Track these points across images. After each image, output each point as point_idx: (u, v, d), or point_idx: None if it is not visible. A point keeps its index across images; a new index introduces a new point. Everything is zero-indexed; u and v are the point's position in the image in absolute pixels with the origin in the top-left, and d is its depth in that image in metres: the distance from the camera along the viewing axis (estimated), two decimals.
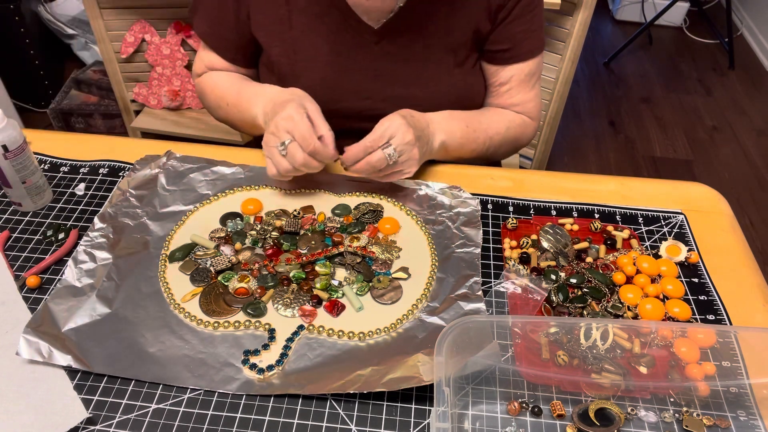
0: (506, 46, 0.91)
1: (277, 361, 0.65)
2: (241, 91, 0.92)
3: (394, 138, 0.79)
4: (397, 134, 0.79)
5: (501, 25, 0.90)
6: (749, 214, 2.07)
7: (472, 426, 0.60)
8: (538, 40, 0.93)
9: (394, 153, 0.79)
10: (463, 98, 0.94)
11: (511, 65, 0.93)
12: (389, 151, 0.79)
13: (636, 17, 3.08)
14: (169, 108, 1.98)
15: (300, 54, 0.89)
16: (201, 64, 1.00)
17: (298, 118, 0.77)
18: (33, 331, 0.66)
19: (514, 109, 0.98)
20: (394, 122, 0.80)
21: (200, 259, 0.76)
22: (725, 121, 2.49)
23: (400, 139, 0.79)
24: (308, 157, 0.77)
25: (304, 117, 0.77)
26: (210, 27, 0.93)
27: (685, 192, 0.89)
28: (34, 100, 2.33)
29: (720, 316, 0.71)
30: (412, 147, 0.80)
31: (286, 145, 0.77)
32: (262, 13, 0.89)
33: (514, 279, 0.74)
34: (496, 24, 0.90)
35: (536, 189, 0.89)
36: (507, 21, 0.89)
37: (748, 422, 0.61)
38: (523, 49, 0.92)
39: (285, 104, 0.79)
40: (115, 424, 0.60)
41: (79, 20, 2.36)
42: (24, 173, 0.79)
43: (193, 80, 1.03)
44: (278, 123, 0.78)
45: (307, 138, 0.76)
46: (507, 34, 0.90)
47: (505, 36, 0.90)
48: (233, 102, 0.93)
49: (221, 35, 0.93)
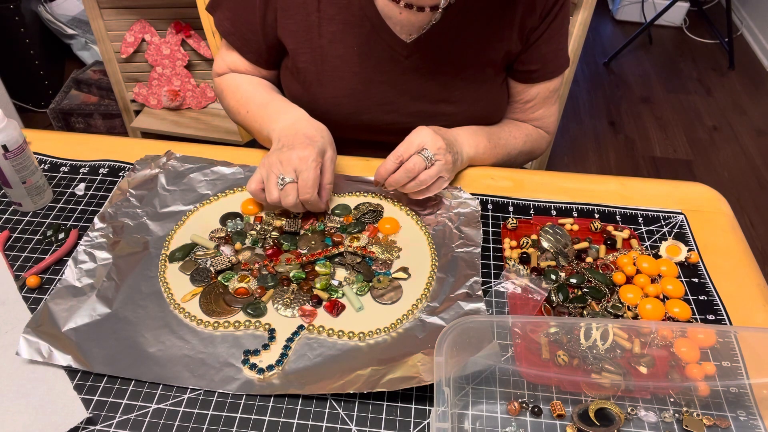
0: (536, 66, 0.91)
1: (277, 361, 0.65)
2: (266, 104, 0.89)
3: (426, 144, 0.78)
4: (428, 142, 0.78)
5: (532, 47, 0.89)
6: (749, 214, 2.07)
7: (472, 426, 0.60)
8: (564, 58, 0.93)
9: (431, 155, 0.78)
10: (487, 115, 0.95)
11: (538, 84, 0.94)
12: (426, 154, 0.78)
13: (636, 17, 3.08)
14: (169, 108, 1.98)
15: (328, 63, 0.88)
16: (223, 64, 0.97)
17: (310, 165, 0.75)
18: (33, 331, 0.66)
19: (534, 123, 0.98)
20: (422, 132, 0.79)
21: (200, 259, 0.76)
22: (725, 121, 2.49)
23: (432, 145, 0.78)
24: (299, 203, 0.77)
25: (317, 168, 0.76)
26: (233, 26, 0.91)
27: (685, 192, 0.89)
28: (34, 100, 2.33)
29: (720, 316, 0.71)
30: (445, 152, 0.79)
31: (285, 183, 0.75)
32: (291, 18, 0.86)
33: (514, 279, 0.74)
34: (528, 45, 0.89)
35: (536, 189, 0.89)
36: (538, 42, 0.89)
37: (748, 422, 0.61)
38: (551, 68, 0.92)
39: (307, 143, 0.77)
40: (115, 424, 0.60)
41: (79, 20, 2.36)
42: (24, 173, 0.79)
43: (213, 78, 1.01)
44: (291, 157, 0.76)
45: (309, 188, 0.75)
46: (537, 54, 0.90)
47: (536, 57, 0.90)
48: (254, 111, 0.90)
49: (244, 36, 0.91)
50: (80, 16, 2.36)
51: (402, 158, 0.78)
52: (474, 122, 0.93)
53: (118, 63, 1.86)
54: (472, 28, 0.86)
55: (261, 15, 0.87)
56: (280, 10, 0.87)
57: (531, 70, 0.92)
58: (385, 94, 0.89)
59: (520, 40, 0.89)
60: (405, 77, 0.89)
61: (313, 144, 0.77)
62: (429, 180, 0.79)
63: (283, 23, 0.87)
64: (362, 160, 0.93)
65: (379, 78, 0.88)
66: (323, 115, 0.88)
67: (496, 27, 0.86)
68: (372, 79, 0.88)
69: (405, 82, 0.89)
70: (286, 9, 0.86)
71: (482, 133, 0.92)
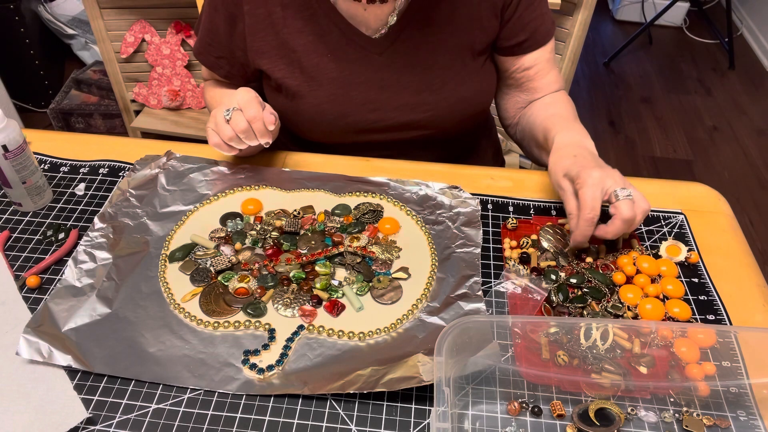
0: (524, 37, 0.91)
1: (277, 361, 0.65)
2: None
3: (611, 184, 0.73)
4: (607, 181, 0.73)
5: (511, 21, 0.90)
6: (749, 214, 2.07)
7: (472, 426, 0.60)
8: (549, 21, 0.93)
9: (628, 192, 0.72)
10: (472, 97, 0.94)
11: (532, 53, 0.93)
12: (625, 193, 0.72)
13: (636, 17, 3.08)
14: (169, 108, 1.98)
15: (305, 74, 0.88)
16: (207, 74, 1.01)
17: (248, 96, 0.80)
18: (33, 331, 0.66)
19: (551, 87, 0.96)
20: (592, 176, 0.72)
21: (200, 259, 0.76)
22: (725, 121, 2.49)
23: (613, 182, 0.73)
24: (249, 126, 0.78)
25: (254, 97, 0.80)
26: (203, 47, 0.94)
27: (685, 192, 0.89)
28: (34, 100, 2.33)
29: (720, 316, 0.71)
30: (623, 179, 0.75)
31: (231, 112, 0.79)
32: (260, 40, 0.88)
33: (514, 279, 0.74)
34: (505, 21, 0.90)
35: (536, 189, 0.89)
36: (516, 15, 0.89)
37: (748, 422, 0.61)
38: (540, 35, 0.92)
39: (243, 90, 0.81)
40: (115, 424, 0.60)
41: (79, 20, 2.36)
42: (24, 173, 0.79)
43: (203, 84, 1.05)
44: (231, 97, 0.81)
45: (253, 108, 0.78)
46: (520, 25, 0.90)
47: (520, 28, 0.90)
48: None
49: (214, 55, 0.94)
50: (80, 16, 2.37)
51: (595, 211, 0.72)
52: (461, 107, 0.92)
53: (118, 63, 1.86)
54: (440, 14, 0.87)
55: (227, 40, 0.91)
56: (249, 35, 0.88)
57: (520, 42, 0.92)
58: (366, 93, 0.90)
59: (495, 17, 0.89)
60: (382, 74, 0.89)
61: (248, 90, 0.81)
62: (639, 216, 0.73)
63: (254, 46, 0.89)
64: (362, 160, 0.93)
65: (357, 79, 0.89)
66: (309, 123, 0.91)
67: (465, 9, 0.87)
68: (350, 82, 0.89)
69: (383, 78, 0.89)
70: (253, 33, 0.88)
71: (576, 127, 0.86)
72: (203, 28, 0.93)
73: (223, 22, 0.89)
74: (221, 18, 0.89)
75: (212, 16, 0.90)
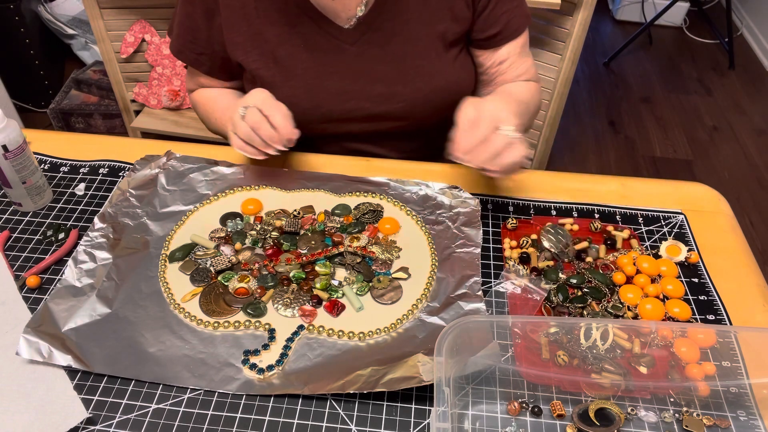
0: (496, 30, 0.91)
1: (277, 361, 0.65)
2: (228, 106, 0.92)
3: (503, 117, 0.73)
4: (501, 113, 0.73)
5: (484, 13, 0.90)
6: (749, 214, 2.07)
7: (472, 426, 0.60)
8: (523, 15, 0.93)
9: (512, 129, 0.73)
10: (449, 89, 0.93)
11: (505, 45, 0.94)
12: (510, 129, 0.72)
13: (636, 17, 3.08)
14: (169, 108, 1.98)
15: (279, 64, 0.89)
16: (191, 83, 1.01)
17: (263, 95, 0.81)
18: (33, 331, 0.66)
19: (520, 79, 0.98)
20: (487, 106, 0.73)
21: (200, 259, 0.76)
22: (725, 121, 2.49)
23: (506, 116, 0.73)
24: (264, 120, 0.78)
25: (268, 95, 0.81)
26: (183, 46, 0.93)
27: (685, 192, 0.89)
28: (34, 100, 2.33)
29: (720, 316, 0.71)
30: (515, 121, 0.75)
31: (246, 109, 0.79)
32: (236, 31, 0.88)
33: (514, 279, 0.74)
34: (478, 12, 0.90)
35: (536, 189, 0.89)
36: (489, 8, 0.89)
37: (748, 422, 0.61)
38: (513, 28, 0.92)
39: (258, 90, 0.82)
40: (115, 424, 0.60)
41: (79, 20, 2.36)
42: (24, 173, 0.79)
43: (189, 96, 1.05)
44: (246, 99, 0.82)
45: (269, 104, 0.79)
46: (493, 19, 0.90)
47: (492, 21, 0.91)
48: (219, 116, 0.95)
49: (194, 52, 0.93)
50: (80, 16, 2.36)
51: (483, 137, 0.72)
52: (436, 98, 0.92)
53: (118, 63, 1.86)
54: (412, 4, 0.87)
55: (206, 35, 0.90)
56: (225, 27, 0.88)
57: (493, 35, 0.92)
58: (339, 83, 0.90)
59: (467, 7, 0.89)
60: (355, 64, 0.89)
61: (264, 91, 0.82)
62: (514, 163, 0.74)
63: (230, 38, 0.89)
64: (362, 160, 0.93)
65: (330, 69, 0.89)
66: None
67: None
68: (323, 72, 0.89)
69: (356, 68, 0.89)
70: (229, 26, 0.88)
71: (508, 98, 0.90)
72: (180, 26, 0.92)
73: (200, 16, 0.89)
74: (198, 13, 0.89)
75: (189, 12, 0.90)
